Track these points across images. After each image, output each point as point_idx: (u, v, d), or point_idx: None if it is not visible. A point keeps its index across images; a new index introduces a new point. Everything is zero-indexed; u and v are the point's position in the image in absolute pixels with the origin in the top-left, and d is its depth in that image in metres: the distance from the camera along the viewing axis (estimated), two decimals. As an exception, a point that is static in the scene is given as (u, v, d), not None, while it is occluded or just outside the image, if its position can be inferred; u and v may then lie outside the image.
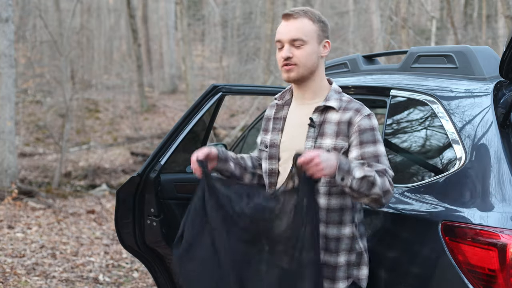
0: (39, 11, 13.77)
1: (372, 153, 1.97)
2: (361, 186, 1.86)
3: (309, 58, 2.04)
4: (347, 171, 1.86)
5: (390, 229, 2.22)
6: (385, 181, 1.90)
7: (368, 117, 2.01)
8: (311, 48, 2.04)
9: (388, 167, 1.97)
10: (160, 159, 2.91)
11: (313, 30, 2.05)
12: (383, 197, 1.90)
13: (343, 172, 1.86)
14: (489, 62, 2.26)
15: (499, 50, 9.80)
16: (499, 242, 1.77)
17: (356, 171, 1.86)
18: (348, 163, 1.89)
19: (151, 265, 3.16)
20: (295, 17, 2.05)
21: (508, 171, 1.89)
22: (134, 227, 3.01)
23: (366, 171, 1.87)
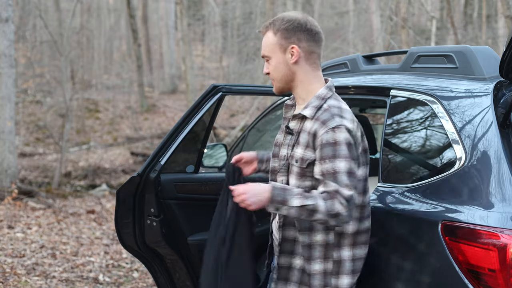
0: (39, 11, 13.77)
1: (329, 170, 1.90)
2: (300, 214, 1.89)
3: (277, 71, 2.05)
4: (281, 202, 1.89)
5: (390, 229, 2.22)
6: (333, 205, 1.87)
7: (333, 130, 1.91)
8: (276, 61, 2.05)
9: (342, 186, 1.88)
10: (160, 159, 2.91)
11: (273, 42, 2.04)
12: (330, 220, 1.89)
13: (277, 203, 1.90)
14: (489, 62, 2.26)
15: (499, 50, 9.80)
16: (499, 242, 1.77)
17: (294, 200, 1.88)
18: (283, 194, 1.90)
19: (151, 265, 3.16)
20: (263, 32, 2.09)
21: (508, 171, 1.89)
22: (134, 227, 3.01)
23: (306, 199, 1.87)
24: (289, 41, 2.02)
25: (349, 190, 1.90)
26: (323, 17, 21.55)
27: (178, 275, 3.14)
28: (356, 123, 2.01)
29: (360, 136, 2.02)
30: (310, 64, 2.05)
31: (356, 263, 2.07)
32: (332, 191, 1.89)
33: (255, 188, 1.93)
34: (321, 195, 1.90)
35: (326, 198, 1.89)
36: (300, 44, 2.02)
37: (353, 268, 2.05)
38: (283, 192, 1.91)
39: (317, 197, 1.88)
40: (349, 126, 1.93)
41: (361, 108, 3.99)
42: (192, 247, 3.00)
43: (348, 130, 1.92)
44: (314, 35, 2.03)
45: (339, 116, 1.94)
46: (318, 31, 2.05)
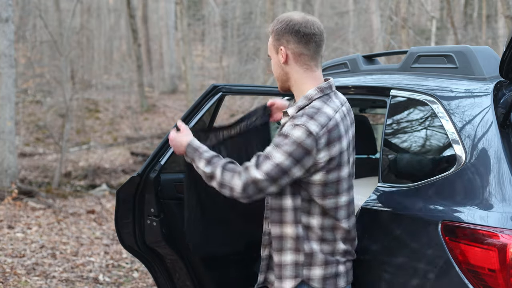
0: (39, 11, 13.77)
1: (265, 152, 1.97)
2: (202, 176, 2.11)
3: (274, 70, 2.16)
4: (191, 159, 2.15)
5: (390, 229, 2.22)
6: (231, 178, 1.99)
7: (293, 126, 1.93)
8: (273, 60, 2.15)
9: (257, 169, 1.94)
10: (160, 159, 2.91)
11: (270, 44, 2.13)
12: (222, 191, 2.04)
13: (189, 158, 2.17)
14: (489, 62, 2.26)
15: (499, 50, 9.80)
16: (499, 242, 1.77)
17: (199, 162, 2.10)
18: (193, 154, 2.13)
19: (151, 265, 3.16)
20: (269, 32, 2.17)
21: (508, 171, 1.89)
22: (134, 227, 3.01)
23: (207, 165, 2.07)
24: (279, 42, 2.07)
25: (260, 174, 1.93)
26: (323, 17, 21.54)
27: (178, 275, 3.14)
28: (327, 129, 1.94)
29: (324, 143, 1.93)
30: (301, 66, 2.07)
31: (324, 256, 2.05)
32: (245, 166, 2.00)
33: (177, 139, 2.21)
34: (226, 165, 2.04)
35: (229, 169, 2.02)
36: (288, 45, 2.05)
37: (324, 260, 2.05)
38: (193, 152, 2.14)
39: (218, 166, 2.04)
40: (312, 128, 1.91)
41: (361, 108, 3.99)
42: (192, 247, 3.00)
43: (308, 131, 1.91)
44: (302, 37, 2.03)
45: (309, 117, 1.94)
46: (309, 32, 2.03)
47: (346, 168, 2.04)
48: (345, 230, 2.08)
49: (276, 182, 1.95)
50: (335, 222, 2.05)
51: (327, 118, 1.95)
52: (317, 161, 1.94)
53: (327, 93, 2.05)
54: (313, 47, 2.05)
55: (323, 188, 2.00)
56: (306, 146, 1.90)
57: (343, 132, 2.01)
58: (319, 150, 1.93)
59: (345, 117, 2.06)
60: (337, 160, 1.98)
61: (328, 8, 23.08)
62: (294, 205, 2.03)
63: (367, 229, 2.33)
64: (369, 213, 2.35)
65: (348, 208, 2.10)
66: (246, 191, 1.97)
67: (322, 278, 2.05)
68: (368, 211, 2.36)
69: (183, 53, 17.31)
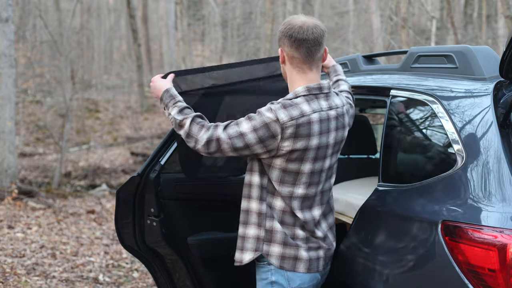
0: (39, 11, 13.78)
1: (237, 120, 2.13)
2: (172, 122, 2.23)
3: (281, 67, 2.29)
4: (165, 105, 2.25)
5: (390, 229, 2.22)
6: (197, 130, 2.13)
7: (268, 109, 2.07)
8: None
9: (221, 126, 2.11)
10: (160, 159, 2.91)
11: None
12: (186, 139, 2.17)
13: (163, 104, 2.27)
14: (489, 62, 2.26)
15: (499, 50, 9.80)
16: (499, 242, 1.77)
17: (173, 109, 2.21)
18: (168, 100, 2.23)
19: (151, 265, 3.16)
20: None
21: (508, 171, 1.89)
22: (134, 227, 3.01)
23: (179, 113, 2.19)
24: (279, 43, 2.21)
25: (224, 135, 2.10)
26: (323, 17, 21.54)
27: (178, 275, 3.14)
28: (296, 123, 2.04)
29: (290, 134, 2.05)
30: (294, 67, 2.18)
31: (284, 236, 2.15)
32: (214, 124, 2.14)
33: (158, 82, 2.32)
34: (196, 118, 2.17)
35: (198, 122, 2.15)
36: (284, 48, 2.18)
37: (283, 239, 2.14)
38: (169, 98, 2.25)
39: (189, 117, 2.17)
40: (280, 116, 2.04)
41: (361, 108, 3.99)
42: (192, 247, 3.00)
43: (276, 118, 2.04)
44: (294, 41, 2.13)
45: (282, 106, 2.07)
46: (301, 38, 2.11)
47: (308, 164, 2.11)
48: (302, 220, 2.16)
49: (236, 150, 2.10)
50: (292, 210, 2.16)
51: (300, 113, 2.07)
52: (280, 147, 2.07)
53: (314, 93, 2.13)
54: (304, 52, 2.13)
55: (281, 174, 2.12)
56: (272, 130, 2.05)
57: (316, 132, 2.08)
58: (284, 139, 2.06)
59: (327, 120, 2.12)
60: (299, 154, 2.09)
61: (328, 8, 23.09)
62: (261, 183, 2.17)
63: (367, 229, 2.33)
64: (368, 213, 2.35)
65: (303, 201, 2.16)
66: (208, 146, 2.12)
67: (280, 256, 2.15)
68: (368, 211, 2.36)
69: (183, 53, 17.32)
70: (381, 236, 2.24)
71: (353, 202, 2.77)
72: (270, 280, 2.17)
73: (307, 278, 2.17)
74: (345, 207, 2.83)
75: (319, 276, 2.23)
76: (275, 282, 2.16)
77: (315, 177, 2.15)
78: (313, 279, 2.20)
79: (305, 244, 2.17)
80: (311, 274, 2.18)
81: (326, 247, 2.23)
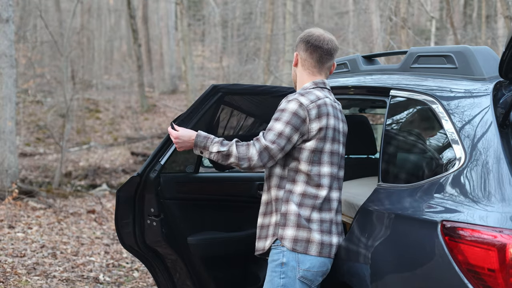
0: (39, 11, 13.76)
1: (268, 127, 2.30)
2: (218, 158, 2.32)
3: (292, 71, 2.57)
4: (203, 147, 2.35)
5: (389, 229, 2.22)
6: (247, 149, 2.26)
7: (287, 101, 2.32)
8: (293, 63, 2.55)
9: (265, 138, 2.26)
10: (160, 159, 2.92)
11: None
12: (240, 163, 2.27)
13: (200, 148, 2.36)
14: (489, 62, 2.26)
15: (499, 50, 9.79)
16: (499, 242, 1.78)
17: (213, 147, 2.32)
18: (205, 141, 2.34)
19: (151, 264, 3.16)
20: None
21: (507, 171, 1.90)
22: (134, 227, 3.01)
23: (222, 146, 2.30)
24: (297, 47, 2.49)
25: (269, 142, 2.25)
26: (323, 17, 21.54)
27: (178, 274, 3.15)
28: (316, 104, 2.30)
29: (315, 115, 2.28)
30: (305, 69, 2.45)
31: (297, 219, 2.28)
32: (255, 138, 2.29)
33: (184, 134, 2.41)
34: (237, 143, 2.30)
35: (241, 144, 2.29)
36: (299, 51, 2.46)
37: (297, 222, 2.28)
38: (205, 140, 2.35)
39: (232, 145, 2.29)
40: (302, 101, 2.30)
41: (361, 108, 4.00)
42: (192, 247, 3.00)
43: (299, 103, 2.29)
44: (310, 46, 2.42)
45: (300, 94, 2.33)
46: (316, 45, 2.41)
47: (328, 144, 2.33)
48: (325, 198, 2.32)
49: (283, 148, 2.26)
50: (317, 190, 2.31)
51: (316, 97, 2.33)
52: (309, 129, 2.29)
53: (320, 86, 2.42)
54: (316, 57, 2.42)
55: (311, 154, 2.30)
56: (300, 115, 2.27)
57: (331, 112, 2.35)
58: (311, 120, 2.29)
59: (334, 107, 2.39)
60: (324, 132, 2.31)
61: (328, 8, 23.07)
62: (281, 174, 2.35)
63: (367, 229, 2.33)
64: (368, 213, 2.36)
65: (331, 178, 2.35)
66: (261, 158, 2.25)
67: (293, 239, 2.27)
68: (367, 211, 2.36)
69: (183, 53, 17.32)
70: (381, 236, 2.24)
71: (353, 202, 2.77)
72: (281, 261, 2.26)
73: (317, 262, 2.27)
74: (345, 207, 2.84)
75: (328, 263, 2.31)
76: (286, 263, 2.26)
77: (335, 158, 2.36)
78: (322, 265, 2.28)
79: (319, 226, 2.29)
80: (321, 258, 2.27)
81: (338, 236, 2.36)
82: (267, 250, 2.32)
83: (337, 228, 2.38)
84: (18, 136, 13.99)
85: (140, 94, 19.56)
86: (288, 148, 2.28)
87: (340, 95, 3.01)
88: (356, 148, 3.45)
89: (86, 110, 18.22)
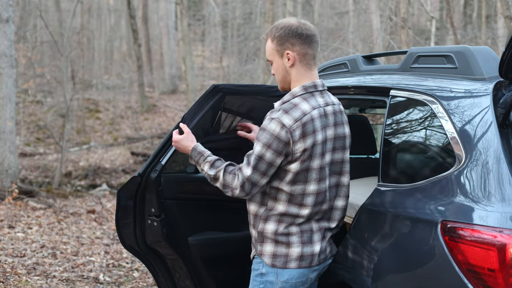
0: (39, 11, 13.76)
1: (253, 148, 2.20)
2: (207, 178, 2.32)
3: (278, 73, 2.31)
4: (196, 162, 2.35)
5: (389, 229, 2.23)
6: (232, 179, 2.22)
7: (270, 120, 2.16)
8: (276, 65, 2.30)
9: (247, 165, 2.19)
10: (161, 159, 2.92)
11: (272, 49, 2.28)
12: (224, 190, 2.26)
13: (194, 161, 2.36)
14: (489, 62, 2.26)
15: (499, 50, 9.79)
16: (499, 242, 1.78)
17: (203, 165, 2.31)
18: (198, 157, 2.33)
19: (152, 265, 3.16)
20: (265, 39, 2.33)
21: (507, 171, 1.90)
22: (134, 227, 3.01)
23: (211, 168, 2.28)
24: (284, 47, 2.24)
25: (250, 171, 2.17)
26: (323, 17, 21.55)
27: (179, 275, 3.15)
28: (301, 123, 2.14)
29: (299, 135, 2.13)
30: (304, 65, 2.26)
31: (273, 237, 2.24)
32: (238, 167, 2.24)
33: (182, 143, 2.41)
34: (227, 167, 2.25)
35: (229, 171, 2.24)
36: (293, 48, 2.24)
37: (273, 240, 2.25)
38: (198, 155, 2.35)
39: (221, 169, 2.25)
40: (285, 122, 2.13)
41: (361, 108, 4.00)
42: (192, 247, 3.00)
43: (281, 124, 2.13)
44: (306, 37, 2.22)
45: (284, 111, 2.16)
46: (310, 33, 2.23)
47: (317, 160, 2.20)
48: (308, 217, 2.25)
49: (265, 173, 2.18)
50: (299, 209, 2.23)
51: (301, 113, 2.16)
52: (294, 151, 2.15)
53: (310, 91, 2.24)
54: (315, 46, 2.25)
55: (295, 175, 2.19)
56: (282, 138, 2.13)
57: (319, 127, 2.19)
58: (295, 142, 2.14)
59: (325, 116, 2.23)
60: (310, 151, 2.17)
61: (328, 8, 23.08)
62: (263, 190, 2.27)
63: (367, 229, 2.33)
64: (368, 213, 2.36)
65: (316, 196, 2.24)
66: (244, 188, 2.20)
67: (272, 254, 2.25)
68: (367, 211, 2.37)
69: (183, 53, 17.32)
70: (381, 236, 2.24)
71: (353, 202, 2.77)
72: (261, 271, 2.27)
73: (296, 274, 2.24)
74: (345, 207, 2.83)
75: (308, 273, 2.27)
76: (265, 274, 2.26)
77: (323, 172, 2.24)
78: (301, 276, 2.25)
79: (299, 238, 2.24)
80: (300, 270, 2.25)
81: (320, 243, 2.28)
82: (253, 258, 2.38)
83: (320, 235, 2.30)
84: (18, 136, 14.00)
85: (140, 94, 19.57)
86: (272, 172, 2.19)
87: (340, 95, 3.01)
88: (356, 148, 3.45)
89: (86, 110, 18.23)
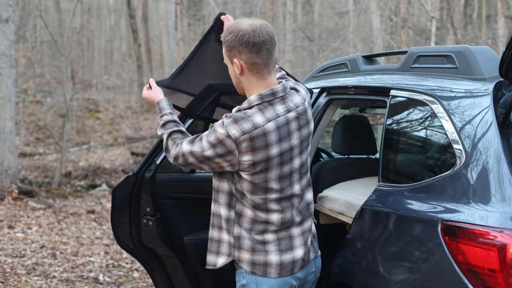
0: (39, 11, 13.76)
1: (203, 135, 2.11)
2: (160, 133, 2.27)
3: (232, 79, 2.18)
4: (159, 116, 2.30)
5: (390, 229, 2.22)
6: (170, 146, 2.19)
7: (221, 124, 2.04)
8: (229, 70, 2.17)
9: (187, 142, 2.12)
10: (156, 159, 2.91)
11: (224, 53, 2.14)
12: (165, 152, 2.24)
13: (158, 114, 2.32)
14: (489, 62, 2.26)
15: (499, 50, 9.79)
16: (499, 242, 1.78)
17: (160, 121, 2.27)
18: (159, 111, 2.29)
19: (148, 264, 3.16)
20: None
21: (508, 171, 1.89)
22: (130, 226, 3.01)
23: (161, 128, 2.25)
24: (232, 54, 2.08)
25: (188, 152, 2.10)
26: (323, 17, 21.55)
27: (175, 274, 3.14)
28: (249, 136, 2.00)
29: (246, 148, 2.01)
30: (254, 74, 2.08)
31: (252, 242, 2.14)
32: (182, 140, 2.17)
33: (150, 96, 2.37)
34: (172, 133, 2.21)
35: (172, 138, 2.20)
36: (241, 56, 2.05)
37: (251, 246, 2.14)
38: (158, 111, 2.31)
39: (166, 132, 2.22)
40: (231, 132, 2.00)
41: (361, 108, 3.99)
42: (188, 246, 3.00)
43: (227, 134, 2.01)
44: (253, 46, 2.02)
45: (234, 120, 2.02)
46: (259, 41, 2.02)
47: (275, 171, 2.07)
48: (280, 222, 2.14)
49: (202, 162, 2.10)
50: (267, 215, 2.13)
51: (252, 126, 2.01)
52: (241, 162, 2.03)
53: (267, 100, 2.06)
54: (265, 54, 2.04)
55: (252, 185, 2.08)
56: (227, 146, 2.02)
57: (274, 140, 2.03)
58: (242, 153, 2.01)
59: (287, 124, 2.07)
60: (262, 165, 2.04)
61: (328, 8, 23.08)
62: (230, 191, 2.15)
63: (367, 229, 2.33)
64: (368, 213, 2.36)
65: (281, 202, 2.13)
66: (177, 160, 2.16)
67: (250, 262, 2.15)
68: (367, 211, 2.36)
69: (183, 53, 17.33)
70: (381, 236, 2.24)
71: (353, 202, 2.77)
72: (242, 283, 2.19)
73: (276, 283, 2.14)
74: (345, 207, 2.84)
75: (291, 280, 2.17)
76: (246, 285, 2.18)
77: (286, 181, 2.12)
78: (283, 284, 2.15)
79: (277, 246, 2.14)
80: (281, 278, 2.14)
81: (303, 247, 2.18)
82: (219, 267, 2.23)
83: (303, 239, 2.19)
84: (18, 136, 14.00)
85: (140, 94, 19.54)
86: (212, 166, 2.09)
87: (340, 95, 3.01)
88: (356, 148, 3.44)
89: (86, 110, 18.23)
